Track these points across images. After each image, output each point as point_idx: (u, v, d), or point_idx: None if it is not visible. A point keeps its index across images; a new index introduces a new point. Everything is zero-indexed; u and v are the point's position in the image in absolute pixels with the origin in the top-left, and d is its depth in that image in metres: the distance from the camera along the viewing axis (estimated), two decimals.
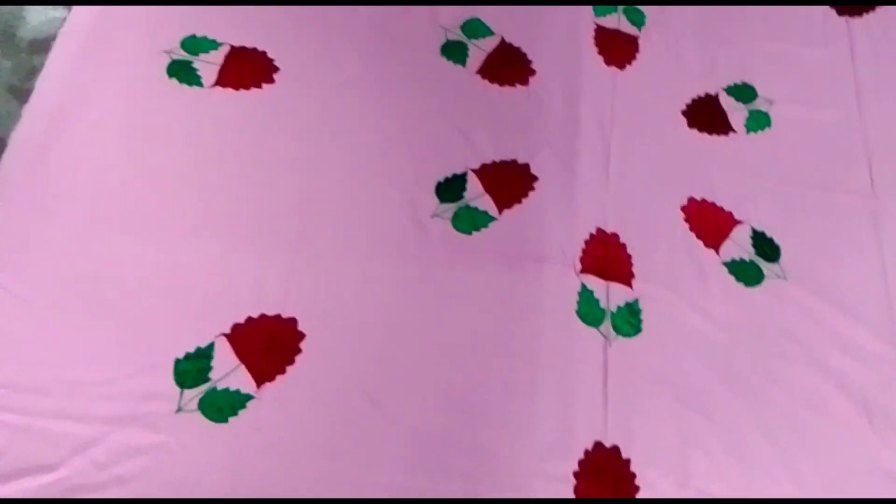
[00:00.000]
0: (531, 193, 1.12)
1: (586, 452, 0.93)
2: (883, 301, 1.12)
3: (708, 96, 1.28)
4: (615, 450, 0.94)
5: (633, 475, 0.93)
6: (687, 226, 1.14)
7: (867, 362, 1.06)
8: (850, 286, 1.12)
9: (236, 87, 1.13)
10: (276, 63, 1.17)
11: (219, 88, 1.13)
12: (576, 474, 0.92)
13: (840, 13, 1.41)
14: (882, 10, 1.42)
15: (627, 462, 0.94)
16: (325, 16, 1.23)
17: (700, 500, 0.92)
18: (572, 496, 0.90)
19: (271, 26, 1.20)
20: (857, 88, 1.31)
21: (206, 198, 1.04)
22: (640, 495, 0.92)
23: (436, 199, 1.09)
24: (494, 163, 1.14)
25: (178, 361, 0.91)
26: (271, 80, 1.15)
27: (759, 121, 1.26)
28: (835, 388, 1.03)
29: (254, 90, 1.13)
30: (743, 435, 0.98)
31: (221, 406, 0.89)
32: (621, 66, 1.27)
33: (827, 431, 1.00)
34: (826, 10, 1.41)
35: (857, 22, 1.40)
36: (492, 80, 1.22)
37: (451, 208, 1.09)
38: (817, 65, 1.34)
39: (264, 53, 1.17)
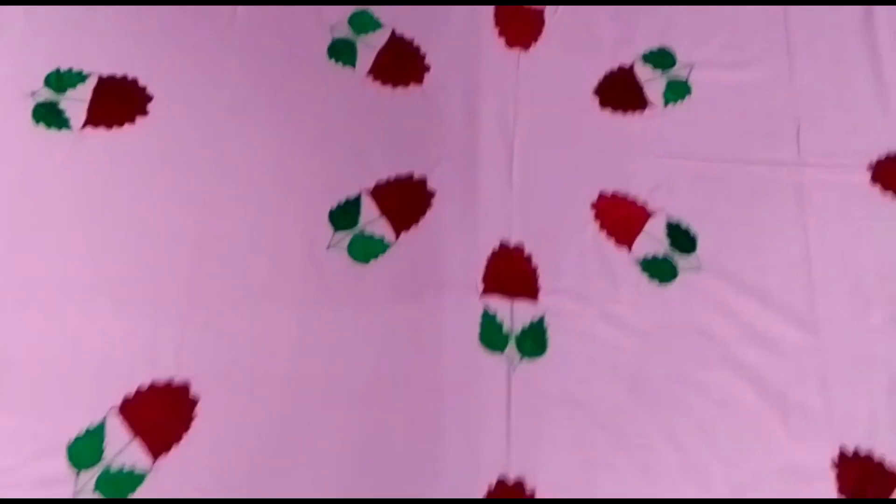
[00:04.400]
0: (429, 212, 1.07)
1: (489, 489, 0.94)
2: (805, 286, 1.07)
3: (622, 69, 1.19)
4: (518, 485, 0.94)
5: None
6: (597, 224, 1.09)
7: (786, 355, 1.03)
8: (770, 271, 1.08)
9: (108, 126, 1.06)
10: (150, 91, 1.09)
11: (89, 129, 1.06)
12: None
13: None
14: None
15: (532, 494, 0.94)
16: (199, 26, 1.14)
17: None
18: None
19: (140, 45, 1.11)
20: (787, 44, 1.21)
21: (91, 255, 1.00)
22: None
23: (330, 228, 1.05)
24: (389, 181, 1.08)
25: (71, 444, 0.91)
26: (145, 112, 1.08)
27: (677, 91, 1.18)
28: (750, 386, 1.01)
29: (127, 126, 1.07)
30: (650, 445, 0.97)
31: (118, 485, 0.90)
32: (525, 47, 1.18)
33: (738, 433, 0.99)
34: None
35: None
36: (384, 82, 1.14)
37: (346, 236, 1.05)
38: (744, 18, 1.24)
39: (135, 81, 1.09)
